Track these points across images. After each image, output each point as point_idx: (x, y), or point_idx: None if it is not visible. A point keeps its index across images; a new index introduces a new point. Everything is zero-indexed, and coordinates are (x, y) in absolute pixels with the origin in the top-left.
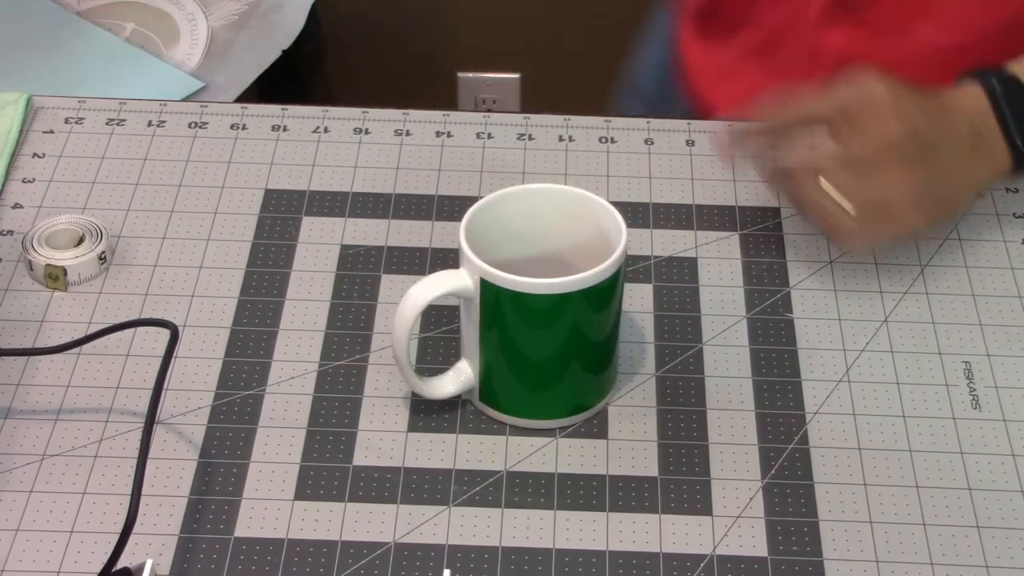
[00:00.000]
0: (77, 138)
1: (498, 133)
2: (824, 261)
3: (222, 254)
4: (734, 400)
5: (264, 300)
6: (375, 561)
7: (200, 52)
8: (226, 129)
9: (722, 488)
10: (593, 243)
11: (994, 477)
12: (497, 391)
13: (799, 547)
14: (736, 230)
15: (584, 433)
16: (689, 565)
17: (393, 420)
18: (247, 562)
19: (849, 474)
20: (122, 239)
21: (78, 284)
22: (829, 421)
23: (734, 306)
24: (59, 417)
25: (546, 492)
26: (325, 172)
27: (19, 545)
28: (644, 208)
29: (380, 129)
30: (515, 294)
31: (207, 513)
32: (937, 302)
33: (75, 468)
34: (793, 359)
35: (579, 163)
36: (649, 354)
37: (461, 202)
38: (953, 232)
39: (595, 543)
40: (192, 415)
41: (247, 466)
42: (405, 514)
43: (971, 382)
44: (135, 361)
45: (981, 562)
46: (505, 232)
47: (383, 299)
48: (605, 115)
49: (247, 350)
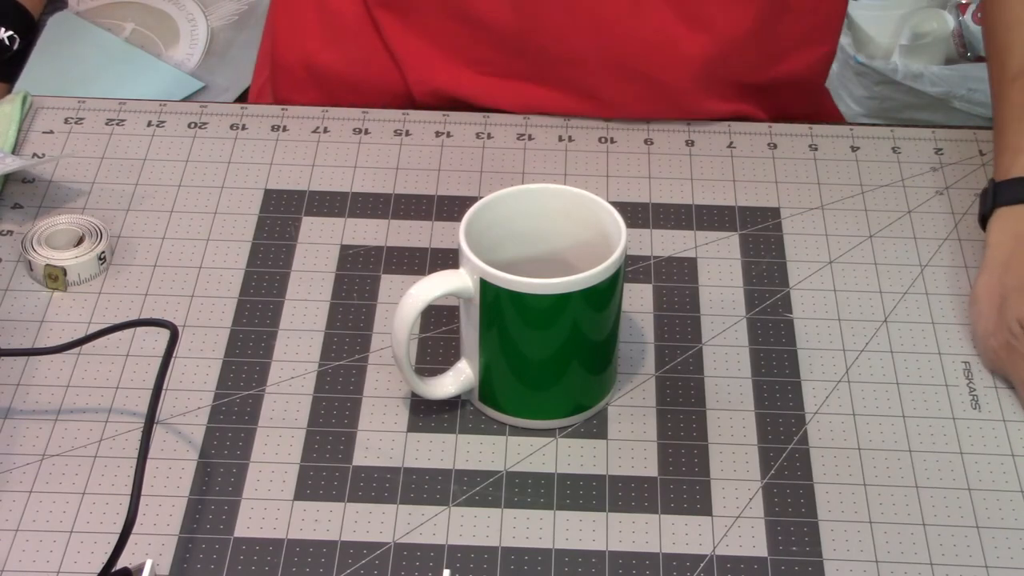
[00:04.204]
0: (77, 138)
1: (498, 133)
2: (824, 261)
3: (222, 254)
4: (734, 400)
5: (264, 300)
6: (375, 561)
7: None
8: (226, 129)
9: (722, 488)
10: (593, 243)
11: (994, 477)
12: (497, 391)
13: (799, 547)
14: (736, 230)
15: (584, 433)
16: (689, 565)
17: (393, 420)
18: (247, 562)
19: (849, 474)
20: (122, 239)
21: (78, 284)
22: (829, 421)
23: (734, 306)
24: (59, 417)
25: (546, 492)
26: (325, 172)
27: (19, 545)
28: (644, 208)
29: (380, 129)
30: (515, 294)
31: (207, 513)
32: (937, 302)
33: (75, 468)
34: (793, 359)
35: (579, 163)
36: (649, 354)
37: (461, 202)
38: (953, 232)
39: (595, 543)
40: (192, 415)
41: (247, 466)
42: (405, 514)
43: (971, 382)
44: (135, 361)
45: (981, 562)
46: (505, 232)
47: (383, 299)
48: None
49: (247, 350)
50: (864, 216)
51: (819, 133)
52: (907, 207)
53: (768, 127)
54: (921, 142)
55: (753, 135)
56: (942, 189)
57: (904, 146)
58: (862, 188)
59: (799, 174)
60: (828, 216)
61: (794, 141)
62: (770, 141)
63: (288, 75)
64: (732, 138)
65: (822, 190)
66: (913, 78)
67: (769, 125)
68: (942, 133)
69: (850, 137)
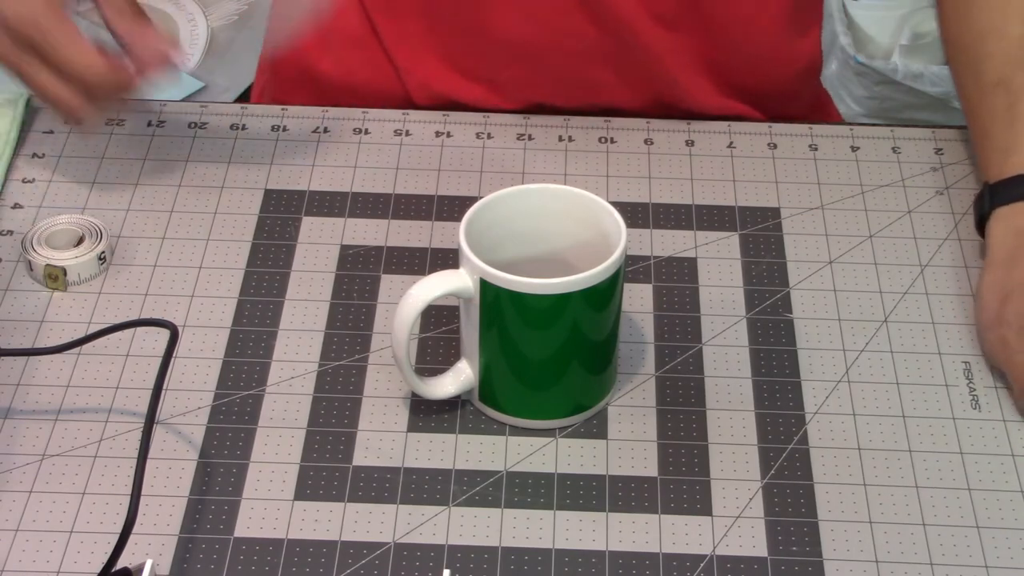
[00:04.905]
0: (77, 138)
1: (498, 133)
2: (824, 261)
3: (222, 254)
4: (734, 400)
5: (264, 300)
6: (375, 561)
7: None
8: (226, 129)
9: (722, 488)
10: (593, 243)
11: (994, 477)
12: (497, 391)
13: (799, 547)
14: (736, 230)
15: (584, 433)
16: (689, 565)
17: (393, 420)
18: (247, 562)
19: (849, 474)
20: (122, 239)
21: (78, 284)
22: (829, 421)
23: (734, 306)
24: (59, 417)
25: (546, 492)
26: (325, 172)
27: (19, 545)
28: (644, 208)
29: (380, 129)
30: (515, 294)
31: (207, 513)
32: (937, 302)
33: (75, 468)
34: (793, 359)
35: (579, 163)
36: (649, 354)
37: (461, 202)
38: (953, 232)
39: (595, 543)
40: (192, 415)
41: (247, 466)
42: (405, 514)
43: (971, 382)
44: (135, 361)
45: (981, 562)
46: (505, 232)
47: (383, 299)
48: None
49: (247, 350)
50: (864, 216)
51: (819, 133)
52: (907, 207)
53: (768, 127)
54: (921, 142)
55: (753, 135)
56: (942, 189)
57: (904, 146)
58: (862, 188)
59: (799, 174)
60: (828, 216)
61: (794, 141)
62: (770, 141)
63: (286, 80)
64: (732, 138)
65: (822, 190)
66: (913, 78)
67: (769, 125)
68: (942, 133)
69: (850, 137)
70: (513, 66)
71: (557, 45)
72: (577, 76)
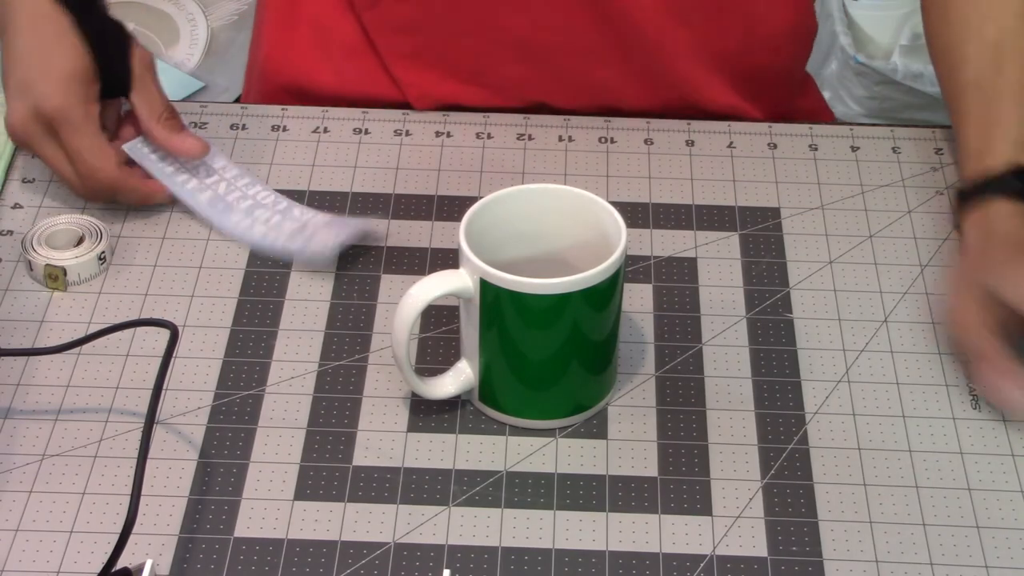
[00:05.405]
0: None
1: (498, 133)
2: (824, 261)
3: (222, 254)
4: (734, 400)
5: (264, 300)
6: (375, 561)
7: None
8: (226, 129)
9: (722, 488)
10: (593, 243)
11: (994, 477)
12: (497, 391)
13: (799, 547)
14: (736, 230)
15: (584, 433)
16: (689, 565)
17: (393, 420)
18: (247, 562)
19: (849, 474)
20: (122, 239)
21: (78, 284)
22: (829, 421)
23: (734, 306)
24: (59, 417)
25: (546, 492)
26: (325, 172)
27: (19, 545)
28: (644, 208)
29: (380, 129)
30: (515, 294)
31: (207, 513)
32: (937, 302)
33: (75, 468)
34: (793, 359)
35: (579, 163)
36: (649, 354)
37: (461, 202)
38: (953, 232)
39: (595, 543)
40: (192, 415)
41: (247, 466)
42: (405, 514)
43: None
44: (135, 361)
45: (981, 562)
46: (505, 232)
47: (383, 299)
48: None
49: (247, 350)
50: (864, 216)
51: (819, 133)
52: (907, 207)
53: (768, 127)
54: (921, 142)
55: (753, 135)
56: (942, 189)
57: (904, 146)
58: (862, 188)
59: (799, 174)
60: (828, 216)
61: (794, 141)
62: (770, 141)
63: (278, 92)
64: (732, 138)
65: (822, 190)
66: (913, 78)
67: (769, 125)
68: (942, 133)
69: (850, 137)
70: (515, 66)
71: (561, 44)
72: (581, 75)
